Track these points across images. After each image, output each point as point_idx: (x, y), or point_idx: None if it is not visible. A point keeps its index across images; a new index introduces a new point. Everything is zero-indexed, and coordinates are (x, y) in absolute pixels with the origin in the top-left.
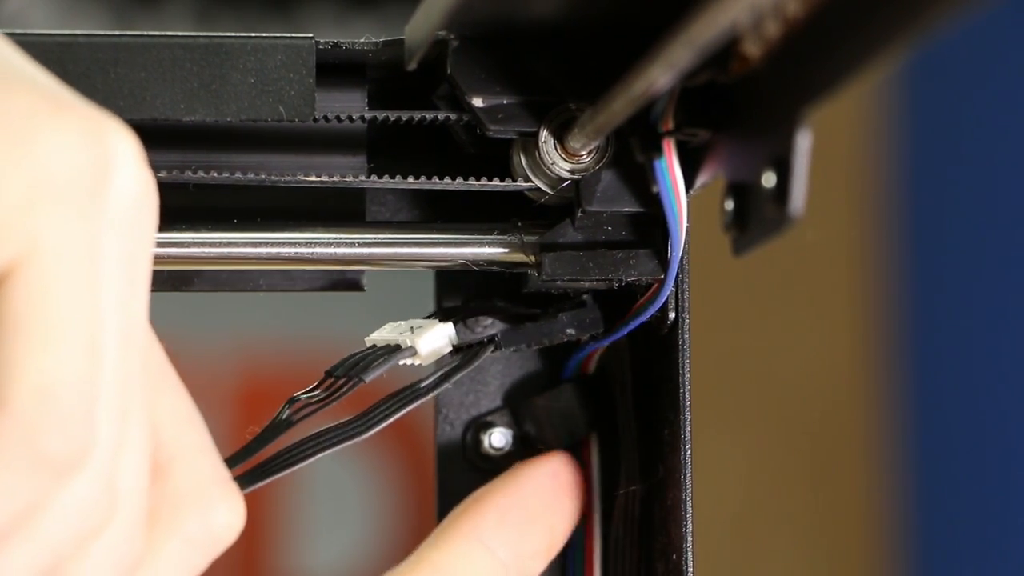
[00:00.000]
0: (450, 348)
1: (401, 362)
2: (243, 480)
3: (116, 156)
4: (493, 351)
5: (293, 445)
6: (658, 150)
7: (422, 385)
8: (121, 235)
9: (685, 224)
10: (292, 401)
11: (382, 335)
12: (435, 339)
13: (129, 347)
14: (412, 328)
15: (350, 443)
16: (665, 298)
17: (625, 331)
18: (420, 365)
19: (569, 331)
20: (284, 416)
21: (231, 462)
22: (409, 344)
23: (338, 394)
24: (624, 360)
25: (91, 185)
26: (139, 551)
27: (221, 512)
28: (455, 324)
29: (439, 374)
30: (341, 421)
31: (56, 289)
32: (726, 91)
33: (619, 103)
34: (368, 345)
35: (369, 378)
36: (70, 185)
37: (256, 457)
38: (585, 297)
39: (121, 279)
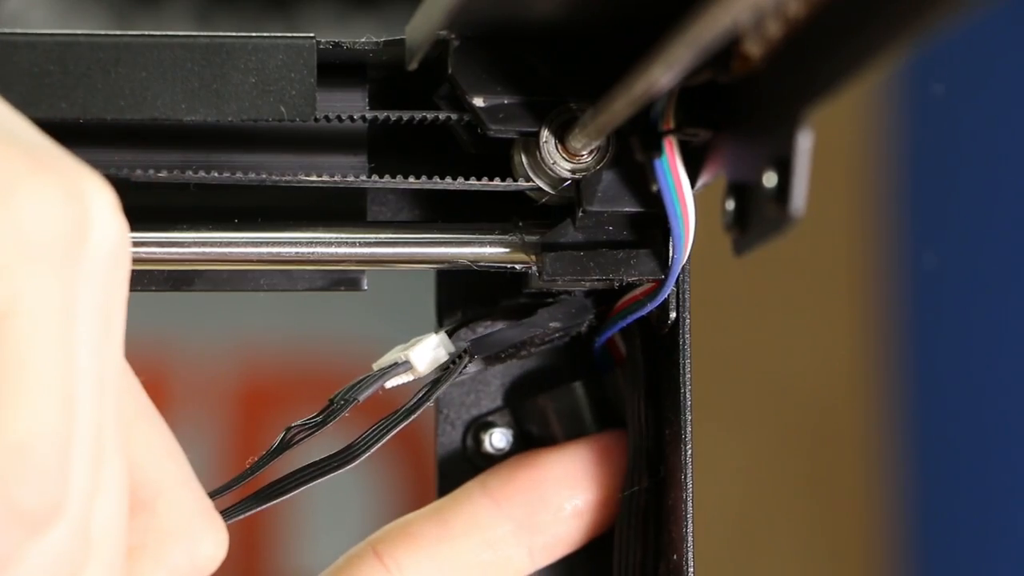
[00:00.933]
0: (447, 355)
1: (400, 377)
2: (238, 507)
3: (93, 210)
4: (468, 362)
5: (286, 475)
6: (658, 149)
7: (403, 408)
8: (97, 286)
9: (692, 223)
10: (289, 429)
11: (386, 358)
12: (427, 350)
13: (103, 394)
14: (410, 345)
15: (340, 472)
16: (666, 294)
17: (624, 323)
18: (422, 377)
19: (554, 324)
20: (281, 440)
21: (228, 486)
22: (404, 359)
23: (333, 416)
24: (637, 359)
25: (69, 241)
26: None
27: (206, 544)
28: (450, 332)
29: (419, 395)
30: (333, 452)
31: (33, 347)
32: (727, 91)
33: (620, 103)
34: (374, 371)
35: (363, 397)
36: (49, 243)
37: (251, 484)
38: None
39: (97, 328)
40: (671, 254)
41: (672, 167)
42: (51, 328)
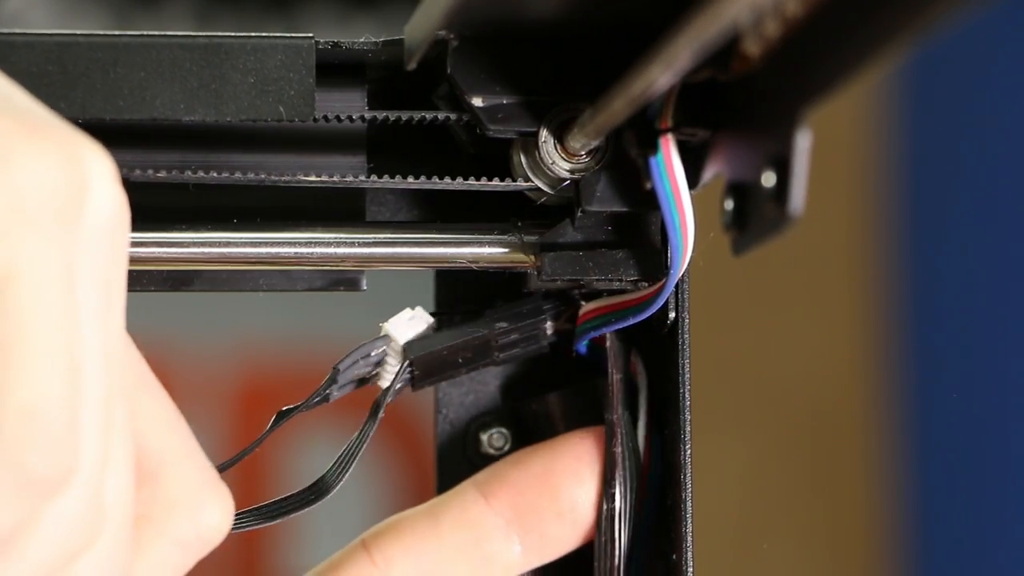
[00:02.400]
0: (426, 326)
1: (381, 350)
2: None
3: (91, 177)
4: (410, 369)
5: (252, 508)
6: (653, 147)
7: (358, 434)
8: (97, 254)
9: (691, 223)
10: (288, 411)
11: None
12: (402, 320)
13: (108, 362)
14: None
15: (311, 508)
16: (667, 296)
17: (618, 326)
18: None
19: (501, 325)
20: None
21: (230, 463)
22: (383, 333)
23: (320, 393)
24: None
25: (67, 207)
26: (127, 563)
27: (212, 514)
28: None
29: (369, 416)
30: (303, 488)
31: (35, 311)
32: (726, 90)
33: (619, 103)
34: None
35: (343, 366)
36: (46, 208)
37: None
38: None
39: (98, 297)
40: (669, 255)
41: (668, 166)
42: (52, 293)
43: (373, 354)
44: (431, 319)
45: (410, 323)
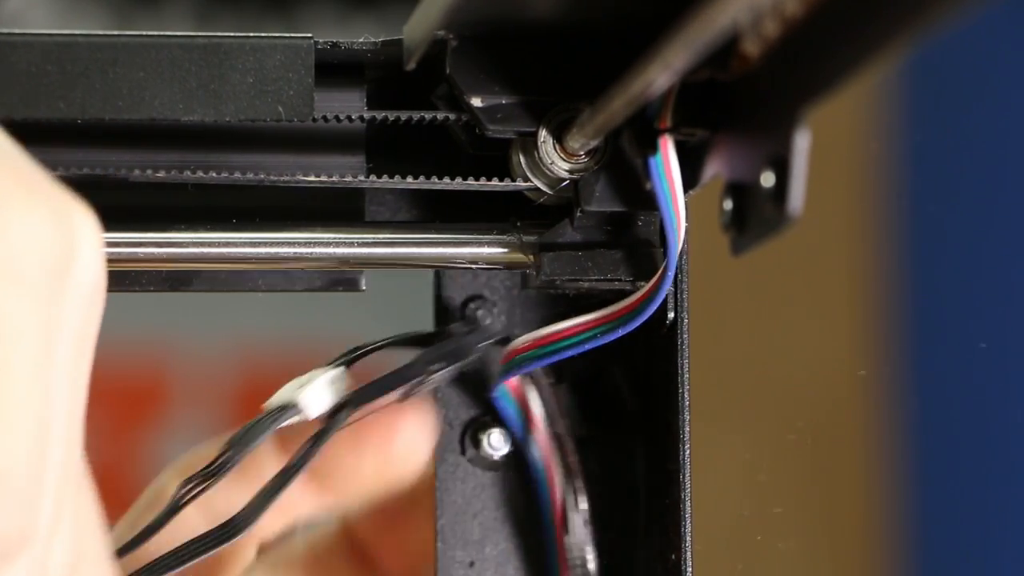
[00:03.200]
0: (341, 394)
1: (292, 420)
2: None
3: (80, 240)
4: (348, 415)
5: (166, 553)
6: (652, 147)
7: (285, 470)
8: (75, 319)
9: (683, 223)
10: (188, 481)
11: (280, 395)
12: (318, 391)
13: (71, 432)
14: (302, 385)
15: (224, 547)
16: (664, 295)
17: (623, 331)
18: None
19: (434, 367)
20: (176, 497)
21: (125, 549)
22: (295, 402)
23: (225, 469)
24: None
25: (54, 268)
26: None
27: None
28: (347, 363)
29: (299, 454)
30: (215, 527)
31: (13, 370)
32: (725, 90)
33: (618, 103)
34: (265, 410)
35: (255, 445)
36: (35, 266)
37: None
38: (454, 327)
39: (71, 362)
40: (667, 252)
41: (666, 166)
42: (32, 353)
43: (281, 426)
44: (345, 382)
45: (326, 392)
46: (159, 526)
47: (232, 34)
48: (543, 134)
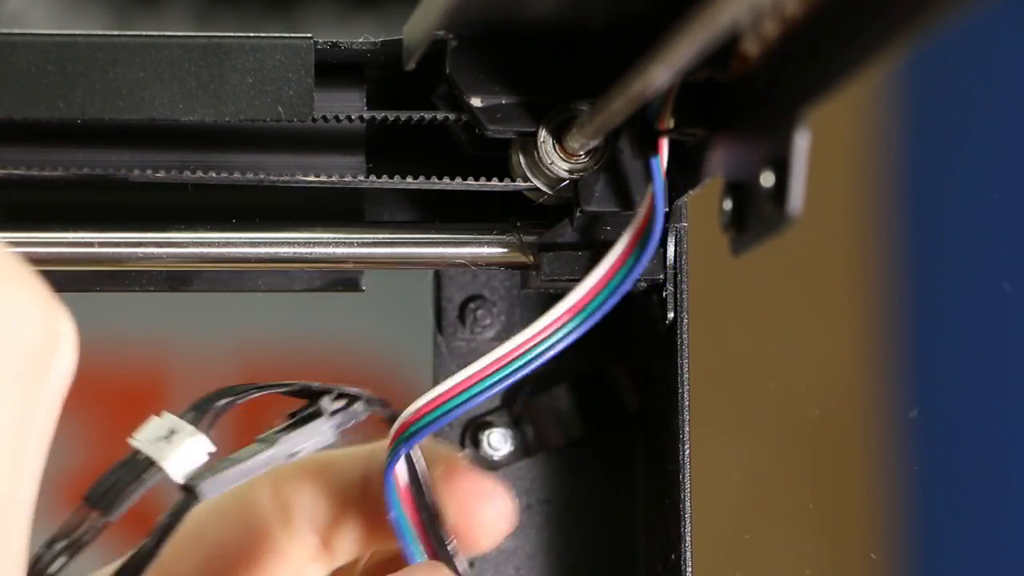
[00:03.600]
0: (207, 457)
1: (154, 483)
2: None
3: (61, 339)
4: (196, 502)
5: None
6: (654, 148)
7: (133, 555)
8: (47, 410)
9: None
10: (51, 543)
11: (146, 434)
12: (186, 454)
13: (25, 519)
14: (171, 433)
15: None
16: (649, 256)
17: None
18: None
19: (294, 452)
20: (40, 566)
21: None
22: (160, 463)
23: (90, 534)
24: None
25: (37, 361)
26: None
27: None
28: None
29: (148, 542)
30: None
31: None
32: (725, 90)
33: (618, 103)
34: (132, 447)
35: (116, 516)
36: (21, 356)
37: None
38: (315, 408)
39: (37, 451)
40: (643, 243)
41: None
42: (5, 438)
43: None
44: (208, 446)
45: (191, 458)
46: None
47: (232, 34)
48: (543, 134)
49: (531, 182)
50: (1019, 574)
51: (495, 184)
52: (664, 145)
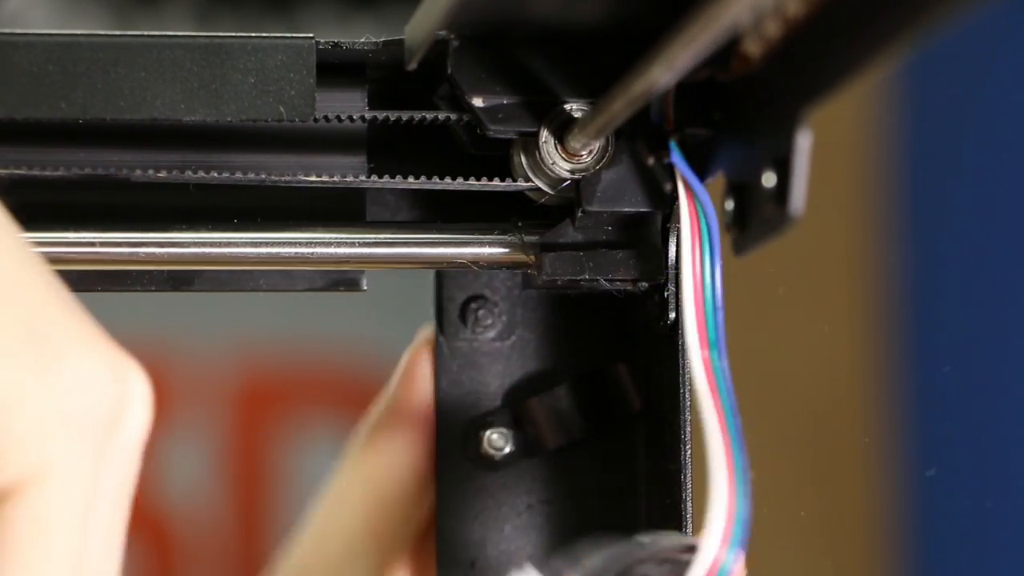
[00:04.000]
0: None
1: None
2: None
3: (132, 396)
4: None
5: None
6: (667, 150)
7: None
8: (120, 473)
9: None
10: None
11: None
12: None
13: None
14: None
15: None
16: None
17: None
18: None
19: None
20: None
21: None
22: None
23: None
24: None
25: (107, 422)
26: None
27: None
28: None
29: None
30: None
31: (56, 518)
32: (726, 90)
33: (619, 103)
34: None
35: None
36: (90, 419)
37: None
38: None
39: (112, 516)
40: (700, 245)
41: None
42: (76, 502)
43: None
44: None
45: None
46: None
47: (233, 34)
48: (544, 134)
49: (532, 182)
50: (1019, 574)
51: (496, 184)
52: (675, 143)
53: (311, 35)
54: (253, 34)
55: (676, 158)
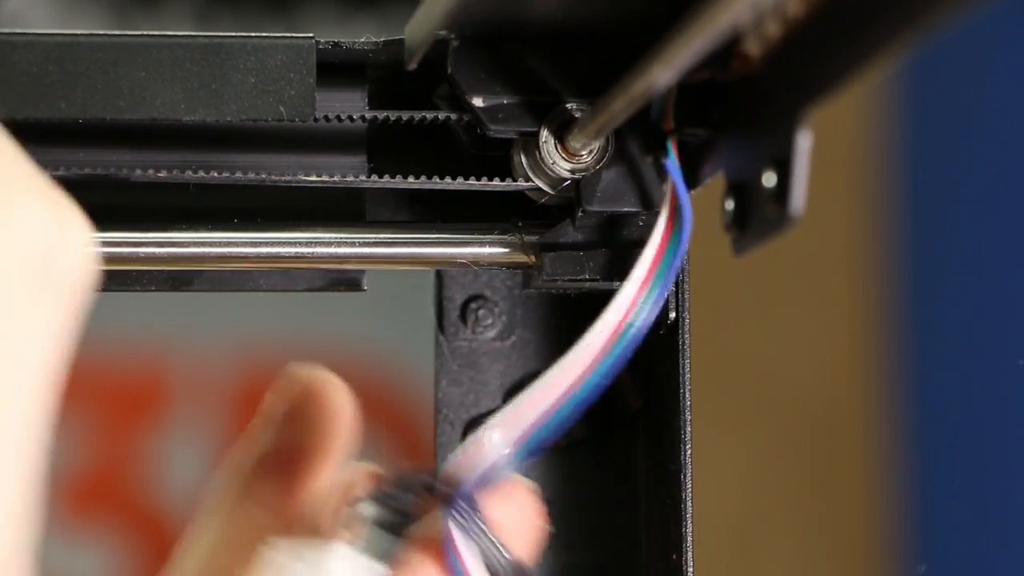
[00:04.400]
0: None
1: None
2: None
3: (71, 238)
4: None
5: None
6: (664, 149)
7: None
8: (52, 312)
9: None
10: None
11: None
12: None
13: (33, 430)
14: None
15: None
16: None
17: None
18: None
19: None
20: None
21: None
22: None
23: None
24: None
25: (44, 263)
26: None
27: None
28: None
29: None
30: None
31: None
32: (727, 90)
33: (620, 103)
34: None
35: None
36: (25, 260)
37: None
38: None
39: (42, 355)
40: (669, 248)
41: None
42: (9, 345)
43: None
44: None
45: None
46: None
47: (233, 34)
48: (544, 134)
49: (533, 182)
50: (1019, 574)
51: (497, 184)
52: (674, 143)
53: (311, 35)
54: (253, 34)
55: (670, 160)
